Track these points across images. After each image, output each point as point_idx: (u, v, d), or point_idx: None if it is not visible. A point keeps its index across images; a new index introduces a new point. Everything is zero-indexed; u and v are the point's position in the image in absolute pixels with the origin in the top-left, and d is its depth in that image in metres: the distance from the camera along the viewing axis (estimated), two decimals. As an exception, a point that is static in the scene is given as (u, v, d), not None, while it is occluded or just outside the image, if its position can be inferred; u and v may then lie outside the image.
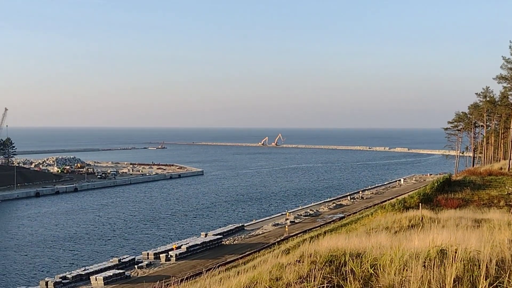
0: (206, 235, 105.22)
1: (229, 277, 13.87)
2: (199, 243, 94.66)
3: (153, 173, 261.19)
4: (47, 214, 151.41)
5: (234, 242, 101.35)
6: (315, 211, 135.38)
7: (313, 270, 12.77)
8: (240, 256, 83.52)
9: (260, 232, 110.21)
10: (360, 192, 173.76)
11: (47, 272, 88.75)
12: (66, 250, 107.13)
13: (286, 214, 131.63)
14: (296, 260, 14.47)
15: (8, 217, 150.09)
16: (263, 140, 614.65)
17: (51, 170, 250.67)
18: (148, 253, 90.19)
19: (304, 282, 11.87)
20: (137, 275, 79.63)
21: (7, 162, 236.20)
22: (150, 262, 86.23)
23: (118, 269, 79.84)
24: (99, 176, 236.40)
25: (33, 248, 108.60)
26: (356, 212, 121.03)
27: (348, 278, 12.38)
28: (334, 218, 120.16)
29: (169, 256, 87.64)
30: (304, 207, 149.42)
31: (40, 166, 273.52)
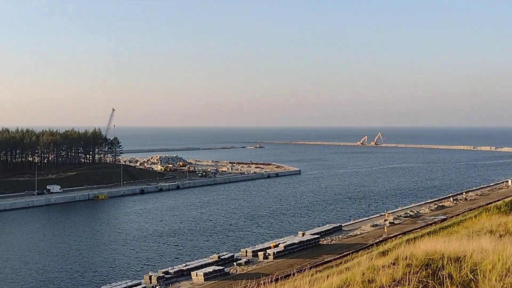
0: (303, 234, 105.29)
1: (321, 278, 13.87)
2: (296, 242, 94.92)
3: (251, 172, 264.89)
4: (152, 210, 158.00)
5: (332, 242, 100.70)
6: (415, 212, 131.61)
7: (408, 274, 12.50)
8: (338, 256, 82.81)
9: (358, 233, 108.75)
10: (464, 193, 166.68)
11: (152, 266, 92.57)
12: (170, 245, 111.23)
13: (385, 214, 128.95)
14: (391, 263, 14.22)
15: (116, 213, 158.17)
16: (362, 140, 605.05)
17: (155, 168, 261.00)
18: (246, 251, 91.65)
19: (398, 286, 11.65)
20: (236, 272, 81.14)
21: (115, 160, 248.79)
22: (249, 259, 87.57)
23: (217, 265, 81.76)
24: (200, 175, 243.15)
25: (139, 243, 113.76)
26: (459, 214, 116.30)
27: (445, 283, 12.01)
28: (435, 220, 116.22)
29: (267, 254, 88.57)
30: (404, 208, 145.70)
31: (145, 164, 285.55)
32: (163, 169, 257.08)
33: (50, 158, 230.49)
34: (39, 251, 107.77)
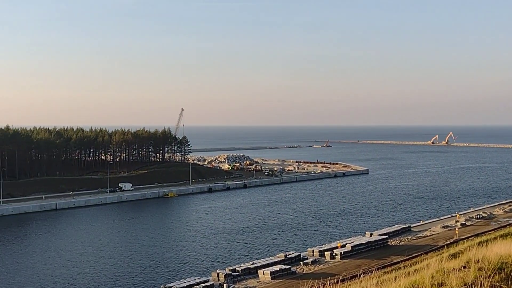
0: (371, 234, 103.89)
1: (388, 280, 13.71)
2: (364, 242, 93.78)
3: (318, 171, 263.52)
4: (220, 208, 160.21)
5: (400, 243, 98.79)
6: (488, 213, 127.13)
7: (480, 278, 12.19)
8: (406, 258, 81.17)
9: (428, 234, 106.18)
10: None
11: (221, 264, 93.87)
12: (238, 243, 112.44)
13: (456, 216, 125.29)
14: (462, 266, 13.89)
15: (185, 210, 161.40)
16: (433, 139, 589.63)
17: (222, 167, 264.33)
18: (313, 250, 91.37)
19: (469, 290, 11.39)
20: (303, 271, 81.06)
21: (183, 159, 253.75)
22: (315, 259, 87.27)
23: (284, 264, 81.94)
24: (266, 173, 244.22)
25: (208, 240, 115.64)
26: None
27: (519, 288, 11.62)
28: (509, 222, 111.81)
29: (333, 254, 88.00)
30: (476, 209, 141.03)
31: (213, 163, 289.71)
32: (230, 168, 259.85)
33: (122, 157, 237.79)
34: (114, 246, 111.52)
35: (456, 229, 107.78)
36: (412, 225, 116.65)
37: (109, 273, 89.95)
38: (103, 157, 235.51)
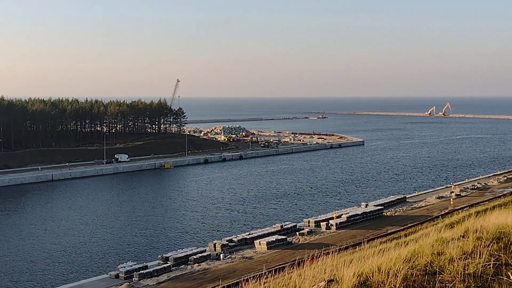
0: (366, 205, 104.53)
1: (389, 249, 13.77)
2: (359, 213, 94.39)
3: (314, 142, 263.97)
4: (218, 179, 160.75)
5: (396, 214, 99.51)
6: (483, 184, 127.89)
7: (479, 247, 12.23)
8: (402, 228, 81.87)
9: (423, 205, 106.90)
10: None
11: (220, 233, 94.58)
12: (234, 213, 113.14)
13: (451, 186, 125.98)
14: (460, 235, 13.94)
15: (182, 181, 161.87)
16: (430, 110, 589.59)
17: (218, 139, 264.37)
18: (309, 221, 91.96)
19: (468, 259, 11.43)
20: (298, 241, 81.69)
21: (179, 130, 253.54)
22: (311, 229, 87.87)
23: (280, 235, 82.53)
24: (262, 145, 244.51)
25: (205, 210, 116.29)
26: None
27: (518, 257, 11.67)
28: (504, 193, 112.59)
29: (329, 224, 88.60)
30: (471, 180, 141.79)
31: (209, 134, 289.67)
32: (226, 139, 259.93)
33: (117, 128, 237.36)
34: (112, 216, 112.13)
35: (451, 199, 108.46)
36: (407, 196, 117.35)
37: (108, 242, 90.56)
38: (98, 129, 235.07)
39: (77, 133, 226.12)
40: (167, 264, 69.49)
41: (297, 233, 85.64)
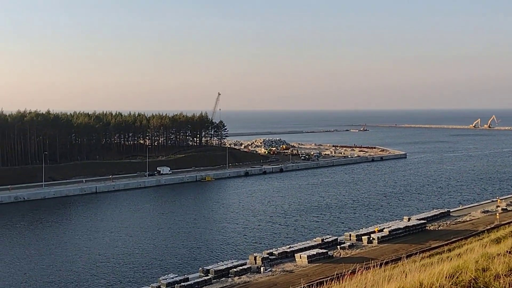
0: (409, 219, 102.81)
1: (431, 264, 13.53)
2: (401, 227, 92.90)
3: (355, 155, 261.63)
4: (258, 192, 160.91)
5: (439, 228, 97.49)
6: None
7: (526, 263, 11.89)
8: (445, 243, 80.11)
9: (468, 219, 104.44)
10: None
11: (260, 246, 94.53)
12: (275, 226, 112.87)
13: (497, 200, 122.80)
14: (507, 251, 13.60)
15: (223, 194, 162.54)
16: (475, 122, 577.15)
17: (259, 151, 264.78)
18: (350, 235, 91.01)
19: (515, 275, 11.13)
20: (339, 255, 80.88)
21: (220, 143, 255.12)
22: (352, 243, 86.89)
23: (321, 248, 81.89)
24: (303, 158, 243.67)
25: (247, 222, 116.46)
26: None
27: None
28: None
29: (371, 238, 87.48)
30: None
31: (249, 147, 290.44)
32: (266, 152, 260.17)
33: (160, 141, 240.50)
34: (154, 227, 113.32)
35: (497, 214, 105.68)
36: (451, 210, 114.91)
37: (151, 253, 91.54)
38: (141, 141, 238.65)
39: (121, 146, 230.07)
40: (208, 277, 69.76)
41: (338, 246, 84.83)
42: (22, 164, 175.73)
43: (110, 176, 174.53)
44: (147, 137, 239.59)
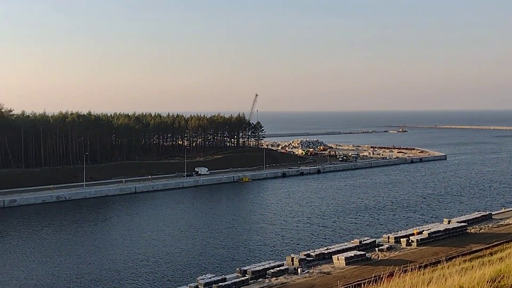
0: (449, 222, 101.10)
1: (472, 268, 13.37)
2: (441, 229, 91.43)
3: (394, 156, 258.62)
4: (295, 193, 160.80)
5: (480, 231, 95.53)
6: None
7: None
8: (487, 246, 78.49)
9: (510, 222, 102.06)
10: None
11: (298, 247, 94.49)
12: (313, 227, 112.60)
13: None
14: (550, 256, 13.32)
15: (260, 194, 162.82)
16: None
17: (296, 152, 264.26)
18: (388, 237, 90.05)
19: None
20: (378, 257, 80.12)
21: (257, 144, 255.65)
22: (391, 245, 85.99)
23: (359, 250, 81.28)
24: (340, 159, 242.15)
25: (285, 223, 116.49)
26: None
27: None
28: None
29: (410, 241, 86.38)
30: None
31: (286, 148, 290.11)
32: (304, 153, 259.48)
33: (198, 142, 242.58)
34: (193, 227, 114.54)
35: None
36: (493, 213, 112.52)
37: (189, 253, 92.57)
38: (180, 142, 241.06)
39: (159, 147, 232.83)
40: (245, 277, 70.06)
41: (376, 249, 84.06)
42: (64, 164, 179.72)
43: (149, 177, 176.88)
44: (186, 138, 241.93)
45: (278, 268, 73.04)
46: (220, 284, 66.93)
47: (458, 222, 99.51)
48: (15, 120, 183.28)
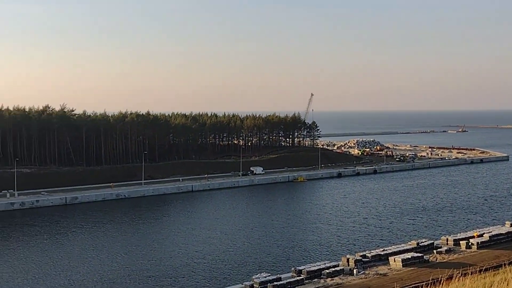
0: (511, 225, 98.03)
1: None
2: (503, 232, 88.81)
3: (453, 157, 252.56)
4: (352, 193, 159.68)
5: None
6: None
7: None
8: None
9: None
10: None
11: (353, 247, 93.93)
12: (370, 228, 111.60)
13: None
14: None
15: (316, 194, 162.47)
16: None
17: (352, 152, 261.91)
18: (447, 239, 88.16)
19: None
20: (436, 260, 78.65)
21: (313, 144, 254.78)
22: (449, 248, 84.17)
23: (416, 252, 79.98)
24: (397, 159, 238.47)
25: (340, 223, 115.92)
26: None
27: None
28: None
29: (469, 243, 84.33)
30: None
31: (342, 148, 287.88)
32: (360, 153, 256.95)
33: (253, 141, 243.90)
34: (249, 226, 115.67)
35: None
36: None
37: (245, 252, 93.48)
38: (235, 142, 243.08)
39: (215, 146, 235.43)
40: (300, 277, 70.14)
41: (435, 251, 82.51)
42: (123, 163, 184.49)
43: (206, 175, 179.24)
44: (241, 138, 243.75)
45: (333, 269, 72.81)
46: (275, 283, 67.26)
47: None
48: (77, 120, 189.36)
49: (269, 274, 72.21)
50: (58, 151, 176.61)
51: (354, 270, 72.91)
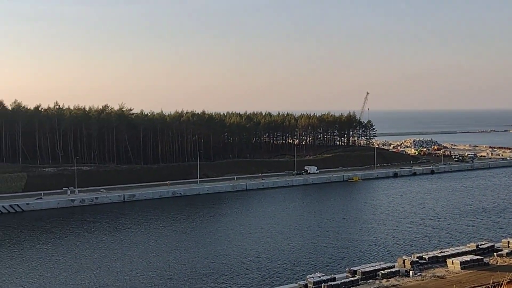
0: None
1: None
2: None
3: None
4: (407, 193, 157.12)
5: None
6: None
7: None
8: None
9: None
10: None
11: (410, 248, 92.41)
12: (427, 229, 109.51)
13: None
14: None
15: (372, 194, 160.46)
16: None
17: (408, 152, 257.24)
18: (508, 242, 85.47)
19: None
20: (496, 263, 76.34)
21: (368, 143, 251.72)
22: (511, 251, 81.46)
23: (475, 254, 77.88)
24: (456, 159, 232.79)
25: (397, 224, 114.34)
26: None
27: None
28: None
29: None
30: None
31: (398, 147, 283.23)
32: (417, 153, 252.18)
33: (307, 140, 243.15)
34: (304, 225, 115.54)
35: None
36: None
37: (299, 251, 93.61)
38: (289, 141, 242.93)
39: (270, 145, 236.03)
40: (355, 278, 69.47)
41: (495, 254, 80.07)
42: (179, 161, 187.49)
43: (260, 174, 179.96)
44: (295, 137, 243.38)
45: (389, 270, 71.79)
46: (330, 283, 66.86)
47: None
48: (135, 119, 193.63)
49: (324, 274, 71.85)
50: (116, 150, 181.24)
51: (411, 272, 71.66)
